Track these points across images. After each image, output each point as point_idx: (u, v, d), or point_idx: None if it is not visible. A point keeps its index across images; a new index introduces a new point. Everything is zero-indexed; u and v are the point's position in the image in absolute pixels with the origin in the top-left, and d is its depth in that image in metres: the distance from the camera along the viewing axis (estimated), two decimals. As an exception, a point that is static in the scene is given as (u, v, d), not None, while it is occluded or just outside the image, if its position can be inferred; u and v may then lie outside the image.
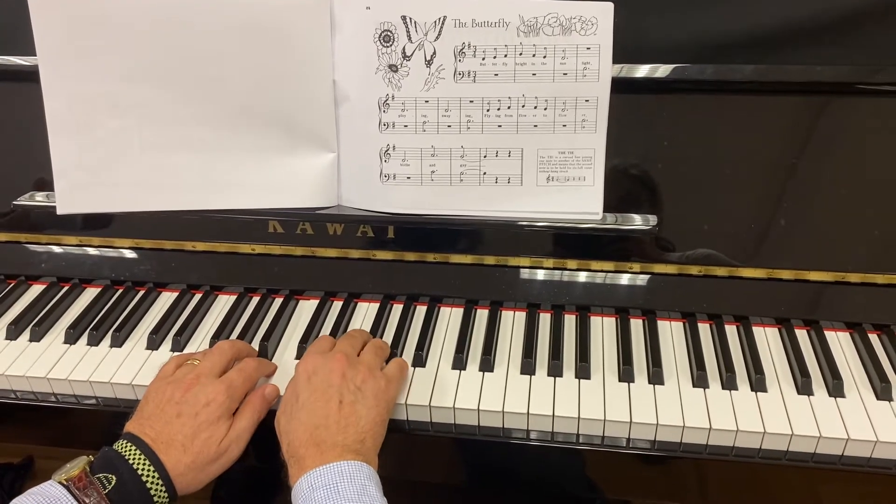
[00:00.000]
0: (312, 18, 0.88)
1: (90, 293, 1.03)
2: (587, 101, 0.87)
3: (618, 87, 0.86)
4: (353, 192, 0.95)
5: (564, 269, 0.96)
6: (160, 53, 0.89)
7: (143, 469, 0.73)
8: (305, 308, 0.99)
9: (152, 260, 1.03)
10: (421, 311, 0.97)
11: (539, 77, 0.87)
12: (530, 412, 0.81)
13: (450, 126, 0.90)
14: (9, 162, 1.03)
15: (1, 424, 0.97)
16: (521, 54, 0.86)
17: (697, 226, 0.92)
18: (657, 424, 0.80)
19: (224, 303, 1.00)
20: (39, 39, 0.88)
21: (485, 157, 0.91)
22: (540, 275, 0.97)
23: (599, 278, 0.96)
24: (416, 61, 0.88)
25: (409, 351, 0.90)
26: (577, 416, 0.81)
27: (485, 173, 0.91)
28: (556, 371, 0.86)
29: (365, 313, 0.97)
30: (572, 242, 0.94)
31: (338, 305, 0.99)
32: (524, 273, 0.97)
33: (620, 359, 0.87)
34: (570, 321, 0.94)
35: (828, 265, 0.91)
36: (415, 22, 0.87)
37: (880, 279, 0.90)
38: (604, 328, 0.93)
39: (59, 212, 0.94)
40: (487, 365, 0.87)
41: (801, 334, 0.91)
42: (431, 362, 0.89)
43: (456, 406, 0.83)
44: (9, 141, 1.02)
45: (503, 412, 0.82)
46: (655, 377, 0.85)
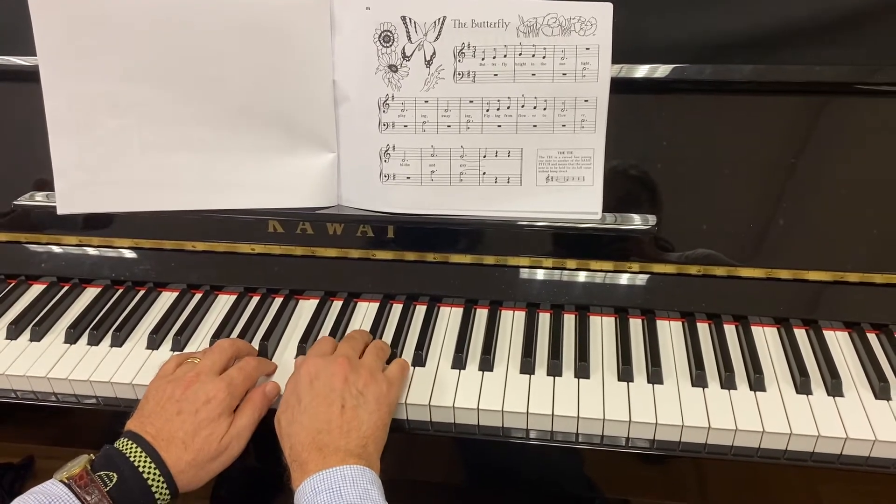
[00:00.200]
0: (312, 18, 0.88)
1: (90, 293, 1.03)
2: (586, 101, 0.87)
3: (617, 87, 0.87)
4: (353, 191, 0.95)
5: (564, 269, 0.96)
6: (160, 53, 0.89)
7: (145, 466, 0.73)
8: (305, 308, 0.99)
9: (152, 260, 1.03)
10: (421, 310, 0.97)
11: (538, 77, 0.87)
12: (530, 411, 0.82)
13: (449, 126, 0.90)
14: (9, 162, 1.03)
15: (1, 424, 0.97)
16: (520, 55, 0.87)
17: (696, 226, 0.93)
18: (656, 424, 0.80)
19: (224, 302, 1.00)
20: (39, 39, 0.88)
21: (484, 157, 0.91)
22: (539, 274, 0.97)
23: (599, 278, 0.96)
24: (416, 61, 0.88)
25: (409, 350, 0.90)
26: (576, 415, 0.81)
27: (484, 173, 0.91)
28: (555, 370, 0.86)
29: (365, 313, 0.97)
30: (572, 242, 0.94)
31: (338, 305, 0.99)
32: (524, 273, 0.97)
33: (620, 358, 0.87)
34: (570, 321, 0.94)
35: (826, 265, 0.91)
36: (414, 22, 0.87)
37: (879, 279, 0.91)
38: (603, 328, 0.93)
39: (59, 212, 0.94)
40: (487, 364, 0.87)
41: (800, 334, 0.91)
42: (431, 362, 0.89)
43: (455, 405, 0.83)
44: (9, 141, 1.02)
45: (503, 411, 0.82)
46: (654, 376, 0.85)
